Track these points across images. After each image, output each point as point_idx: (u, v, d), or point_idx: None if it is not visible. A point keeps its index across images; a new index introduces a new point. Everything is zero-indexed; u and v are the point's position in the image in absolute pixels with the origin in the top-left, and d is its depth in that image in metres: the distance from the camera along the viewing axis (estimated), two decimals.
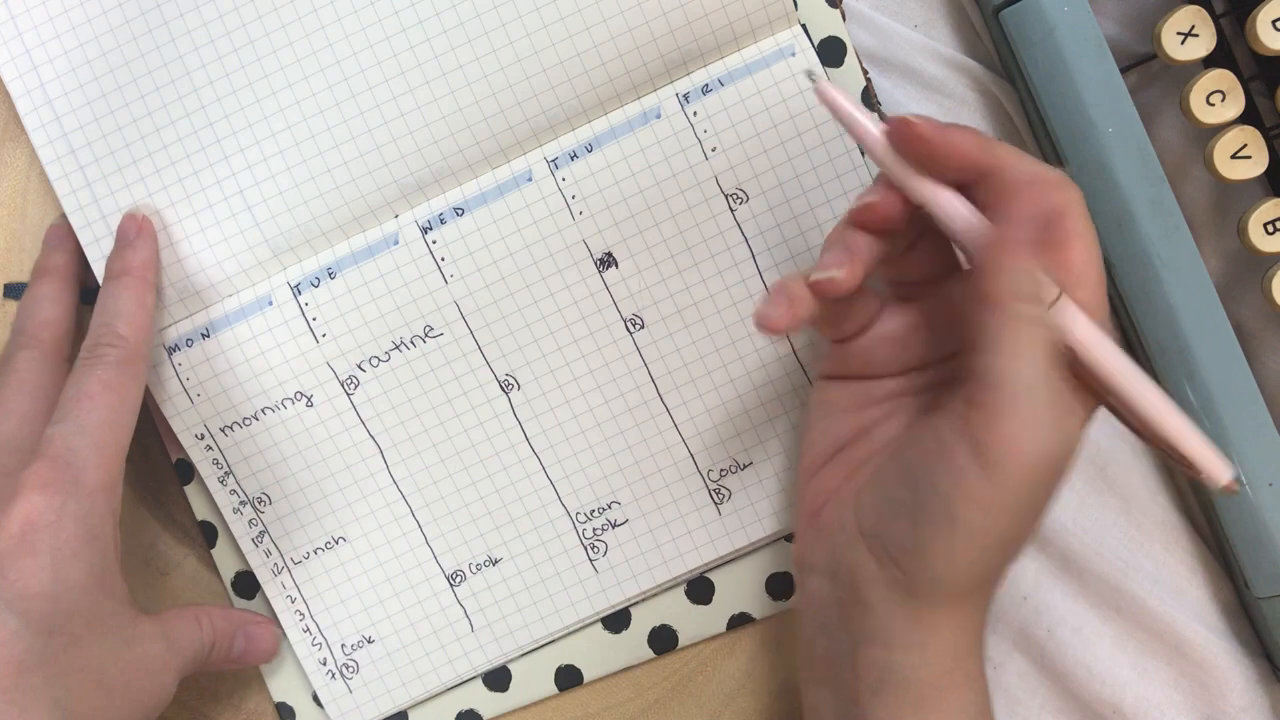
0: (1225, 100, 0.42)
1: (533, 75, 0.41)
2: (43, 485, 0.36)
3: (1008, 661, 0.47)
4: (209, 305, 0.42)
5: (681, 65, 0.41)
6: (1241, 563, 0.44)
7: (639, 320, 0.43)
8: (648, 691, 0.45)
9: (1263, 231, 0.43)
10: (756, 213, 0.42)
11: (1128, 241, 0.43)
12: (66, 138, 0.41)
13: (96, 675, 0.36)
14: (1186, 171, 0.46)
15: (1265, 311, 0.46)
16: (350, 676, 0.44)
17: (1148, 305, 0.43)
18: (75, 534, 0.36)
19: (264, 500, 0.43)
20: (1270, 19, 0.41)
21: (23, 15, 0.41)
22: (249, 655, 0.43)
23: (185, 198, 0.42)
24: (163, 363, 0.42)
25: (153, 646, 0.38)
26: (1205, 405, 0.43)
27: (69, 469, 0.36)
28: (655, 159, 0.41)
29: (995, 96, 0.46)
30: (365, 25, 0.41)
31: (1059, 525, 0.47)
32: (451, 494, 0.43)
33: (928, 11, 0.47)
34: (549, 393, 0.43)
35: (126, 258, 0.40)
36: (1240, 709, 0.46)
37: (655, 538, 0.44)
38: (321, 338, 0.42)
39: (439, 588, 0.44)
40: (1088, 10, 0.42)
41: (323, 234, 0.42)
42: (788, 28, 0.41)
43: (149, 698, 0.38)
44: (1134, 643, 0.47)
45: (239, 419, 0.43)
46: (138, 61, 0.41)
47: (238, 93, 0.41)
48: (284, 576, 0.44)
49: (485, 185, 0.42)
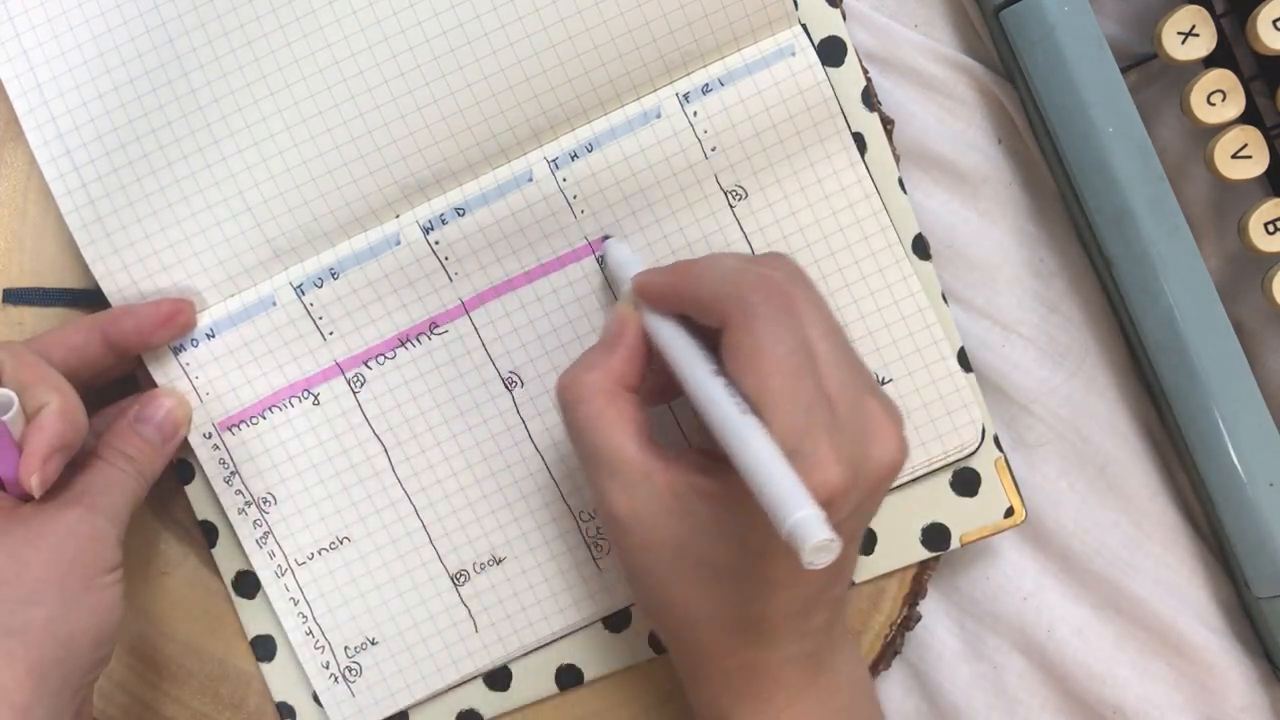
0: (1225, 100, 0.42)
1: (533, 76, 0.41)
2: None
3: (1008, 661, 0.47)
4: (211, 305, 0.42)
5: (681, 65, 0.41)
6: (1241, 563, 0.44)
7: None
8: (648, 691, 0.45)
9: (1263, 231, 0.43)
10: (755, 210, 0.42)
11: (1128, 241, 0.43)
12: (63, 139, 0.41)
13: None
14: (1186, 171, 0.47)
15: (1265, 311, 0.46)
16: (353, 679, 0.44)
17: (1148, 305, 0.43)
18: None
19: (269, 500, 0.43)
20: (1270, 19, 0.41)
21: (21, 16, 0.41)
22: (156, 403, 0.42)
23: (185, 198, 0.42)
24: (170, 362, 0.42)
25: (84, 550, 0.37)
26: (1205, 405, 0.43)
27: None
28: (655, 159, 0.41)
29: (995, 96, 0.46)
30: (365, 26, 0.41)
31: (1059, 525, 0.47)
32: (456, 493, 0.43)
33: (928, 11, 0.47)
34: (551, 390, 0.43)
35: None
36: (1240, 709, 0.47)
37: None
38: (329, 335, 0.42)
39: (443, 588, 0.44)
40: (1088, 10, 0.42)
41: (324, 234, 0.42)
42: (788, 28, 0.41)
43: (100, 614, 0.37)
44: (1134, 643, 0.47)
45: (246, 418, 0.43)
46: (136, 62, 0.41)
47: (237, 93, 0.41)
48: (287, 578, 0.44)
49: (486, 185, 0.42)
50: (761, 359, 0.33)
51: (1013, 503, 0.44)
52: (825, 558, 0.29)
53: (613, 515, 0.36)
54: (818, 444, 0.32)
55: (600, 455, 0.36)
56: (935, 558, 0.44)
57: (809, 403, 0.32)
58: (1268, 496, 0.43)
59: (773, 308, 0.33)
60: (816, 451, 0.31)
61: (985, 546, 0.47)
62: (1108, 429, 0.47)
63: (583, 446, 0.36)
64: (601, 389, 0.36)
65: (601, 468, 0.36)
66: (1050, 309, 0.47)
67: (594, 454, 0.36)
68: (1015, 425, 0.47)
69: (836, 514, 0.31)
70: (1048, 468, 0.47)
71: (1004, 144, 0.47)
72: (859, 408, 0.34)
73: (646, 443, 0.36)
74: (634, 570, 0.37)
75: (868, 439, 0.34)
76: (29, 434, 0.36)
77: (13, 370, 0.37)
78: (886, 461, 0.34)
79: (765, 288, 0.34)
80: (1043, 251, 0.47)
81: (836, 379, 0.33)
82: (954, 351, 0.43)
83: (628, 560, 0.37)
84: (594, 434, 0.36)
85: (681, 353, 0.35)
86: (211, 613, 0.45)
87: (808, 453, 0.31)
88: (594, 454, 0.36)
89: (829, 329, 0.34)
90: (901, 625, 0.45)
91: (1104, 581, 0.47)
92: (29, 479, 0.36)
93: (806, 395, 0.32)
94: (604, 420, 0.36)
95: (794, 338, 0.33)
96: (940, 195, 0.46)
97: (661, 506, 0.35)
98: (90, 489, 0.38)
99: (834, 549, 0.29)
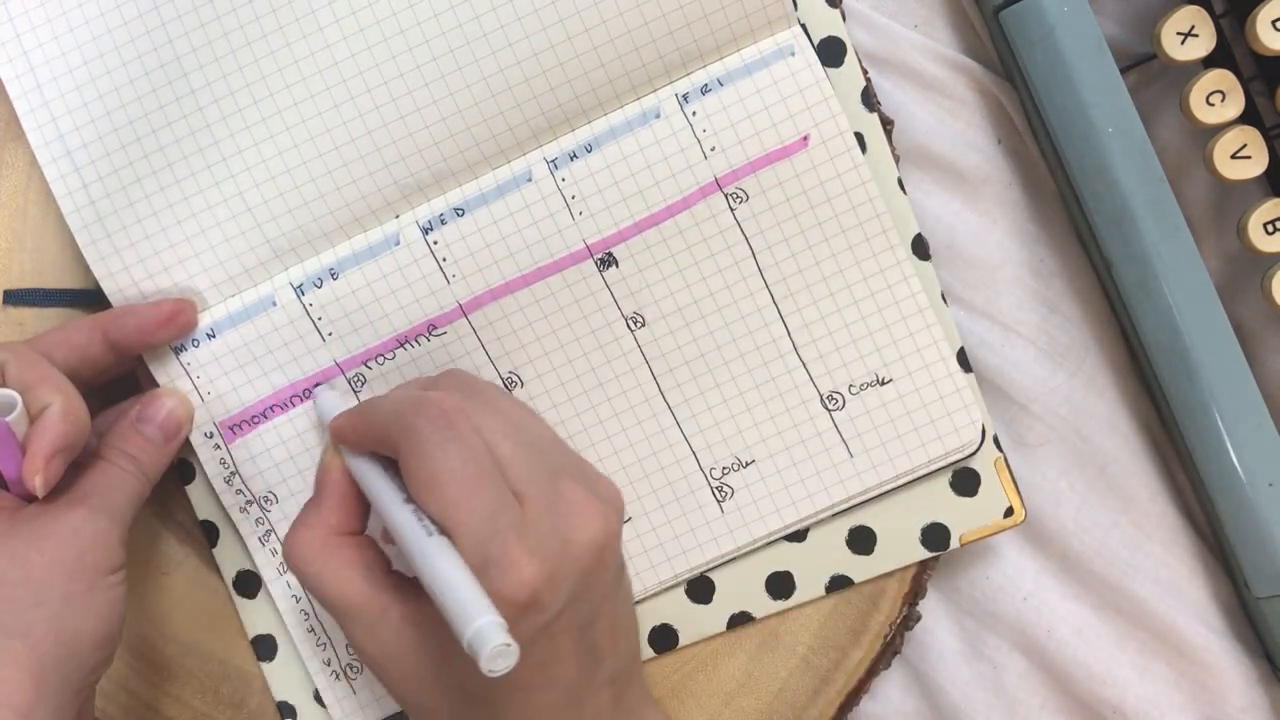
0: (1225, 100, 0.42)
1: (532, 76, 0.41)
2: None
3: (1008, 661, 0.47)
4: (211, 306, 0.42)
5: (681, 65, 0.41)
6: (1241, 563, 0.44)
7: (639, 318, 0.43)
8: None
9: (1263, 231, 0.43)
10: (756, 212, 0.42)
11: (1128, 241, 0.43)
12: (63, 139, 0.41)
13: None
14: (1186, 171, 0.46)
15: (1265, 311, 0.46)
16: (354, 677, 0.44)
17: (1148, 305, 0.43)
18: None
19: (270, 499, 0.44)
20: (1270, 19, 0.41)
21: (21, 16, 0.41)
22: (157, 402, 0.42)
23: (185, 198, 0.42)
24: (171, 362, 0.42)
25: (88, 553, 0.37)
26: (1205, 405, 0.43)
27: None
28: (655, 159, 0.41)
29: (995, 96, 0.46)
30: (365, 26, 0.41)
31: (1059, 525, 0.47)
32: None
33: (928, 11, 0.47)
34: (550, 390, 0.43)
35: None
36: (1240, 709, 0.47)
37: (657, 535, 0.44)
38: (328, 336, 0.42)
39: None
40: (1088, 10, 0.42)
41: (324, 234, 0.42)
42: (787, 28, 0.41)
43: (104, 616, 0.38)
44: (1134, 643, 0.47)
45: (246, 418, 0.43)
46: (136, 63, 0.41)
47: (236, 94, 0.41)
48: (289, 576, 0.44)
49: (485, 186, 0.42)
50: (435, 478, 0.33)
51: (1013, 503, 0.44)
52: (504, 664, 0.30)
53: (368, 659, 0.37)
54: (506, 547, 0.32)
55: (335, 606, 0.37)
56: (935, 558, 0.44)
57: (492, 510, 0.33)
58: (1268, 496, 0.43)
59: (436, 428, 0.34)
60: (506, 555, 0.32)
61: (985, 546, 0.47)
62: (1108, 429, 0.47)
63: (321, 602, 0.37)
64: (317, 545, 0.37)
65: (340, 616, 0.37)
66: (1050, 309, 0.47)
67: (330, 606, 0.37)
68: (1015, 425, 0.47)
69: (544, 610, 0.33)
70: (1048, 468, 0.47)
71: (1004, 144, 0.47)
72: (551, 497, 0.34)
73: (379, 580, 0.36)
74: (404, 705, 0.38)
75: (566, 524, 0.34)
76: (32, 435, 0.36)
77: (16, 371, 0.37)
78: (589, 541, 0.34)
79: (427, 411, 0.35)
80: (1043, 251, 0.47)
81: (523, 475, 0.34)
82: (954, 351, 0.43)
83: (396, 697, 0.38)
84: (321, 589, 0.37)
85: (373, 485, 0.37)
86: (212, 612, 0.45)
87: (497, 558, 0.32)
88: (330, 606, 0.37)
89: (509, 429, 0.35)
90: (901, 625, 0.45)
91: (1104, 581, 0.47)
92: (32, 480, 0.36)
93: (488, 502, 0.33)
94: (327, 574, 0.36)
95: (464, 451, 0.34)
96: (940, 195, 0.46)
97: (403, 640, 0.36)
98: (93, 489, 0.39)
99: (511, 654, 0.30)
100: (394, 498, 0.35)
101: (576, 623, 0.35)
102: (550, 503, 0.34)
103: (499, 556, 0.32)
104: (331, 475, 0.38)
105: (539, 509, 0.34)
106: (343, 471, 0.38)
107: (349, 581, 0.36)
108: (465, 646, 0.30)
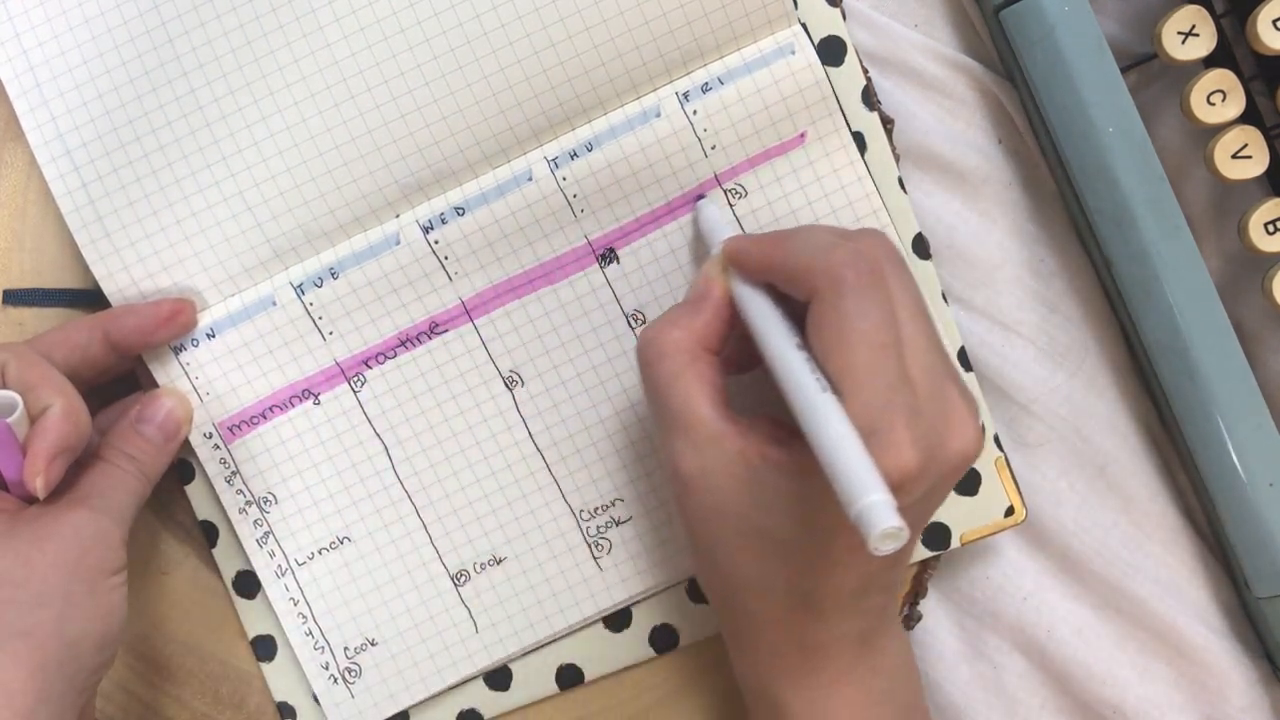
0: (1225, 100, 0.42)
1: (532, 75, 0.41)
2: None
3: (1008, 661, 0.47)
4: (211, 305, 0.42)
5: (681, 64, 0.41)
6: (1241, 563, 0.44)
7: (641, 315, 0.43)
8: (648, 691, 0.45)
9: (1263, 231, 0.43)
10: (754, 207, 0.42)
11: (1128, 241, 0.43)
12: (63, 139, 0.41)
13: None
14: (1186, 171, 0.47)
15: (1265, 311, 0.46)
16: (352, 680, 0.44)
17: (1148, 305, 0.43)
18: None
19: (270, 500, 0.43)
20: (1271, 19, 0.41)
21: (21, 16, 0.41)
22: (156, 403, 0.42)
23: (185, 198, 0.42)
24: (170, 362, 0.42)
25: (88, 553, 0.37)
26: (1205, 405, 0.43)
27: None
28: (655, 157, 0.41)
29: (995, 96, 0.46)
30: (365, 25, 0.41)
31: (1059, 525, 0.47)
32: (456, 492, 0.43)
33: (928, 11, 0.47)
34: (552, 389, 0.43)
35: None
36: (1241, 709, 0.47)
37: (658, 535, 0.44)
38: (329, 335, 0.42)
39: (444, 588, 0.44)
40: (1088, 10, 0.42)
41: (324, 234, 0.42)
42: (787, 27, 0.41)
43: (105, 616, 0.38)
44: (1134, 643, 0.47)
45: (246, 418, 0.43)
46: (135, 62, 0.41)
47: (236, 93, 0.41)
48: (288, 578, 0.44)
49: (486, 185, 0.42)
50: (847, 334, 0.32)
51: (1013, 502, 0.44)
52: (891, 545, 0.28)
53: (680, 475, 0.36)
54: (895, 425, 0.31)
55: (674, 414, 0.35)
56: (935, 557, 0.44)
57: (891, 382, 0.31)
58: (1268, 496, 0.43)
59: (863, 283, 0.33)
60: (893, 433, 0.31)
61: (985, 546, 0.47)
62: (1108, 429, 0.47)
63: (657, 404, 0.36)
64: (683, 347, 0.36)
65: (674, 426, 0.36)
66: (1050, 309, 0.47)
67: (668, 412, 0.36)
68: (1015, 425, 0.47)
69: (905, 498, 0.30)
70: (1048, 468, 0.47)
71: (1004, 144, 0.47)
72: (940, 394, 0.33)
73: (722, 407, 0.35)
74: (694, 533, 0.37)
75: (945, 427, 0.33)
76: (33, 436, 0.36)
77: (17, 372, 0.37)
78: (961, 451, 0.33)
79: (857, 263, 0.33)
80: (1043, 251, 0.47)
81: (921, 362, 0.33)
82: (954, 351, 0.43)
83: (689, 522, 0.37)
84: (670, 392, 0.36)
85: (765, 321, 0.35)
86: (212, 613, 0.45)
87: (884, 433, 0.31)
88: (668, 412, 0.36)
89: (917, 310, 0.34)
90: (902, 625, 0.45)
91: (1104, 581, 0.47)
92: (33, 481, 0.36)
93: (889, 374, 0.32)
94: (682, 379, 0.35)
95: (882, 315, 0.32)
96: (940, 195, 0.46)
97: (729, 472, 0.35)
98: (94, 490, 0.38)
99: (901, 536, 0.28)
100: (786, 340, 0.34)
101: (910, 521, 0.32)
102: (937, 399, 0.33)
103: (886, 433, 0.31)
104: (715, 290, 0.37)
105: (927, 401, 0.32)
106: (725, 290, 0.37)
107: (699, 395, 0.35)
108: (852, 517, 0.28)
